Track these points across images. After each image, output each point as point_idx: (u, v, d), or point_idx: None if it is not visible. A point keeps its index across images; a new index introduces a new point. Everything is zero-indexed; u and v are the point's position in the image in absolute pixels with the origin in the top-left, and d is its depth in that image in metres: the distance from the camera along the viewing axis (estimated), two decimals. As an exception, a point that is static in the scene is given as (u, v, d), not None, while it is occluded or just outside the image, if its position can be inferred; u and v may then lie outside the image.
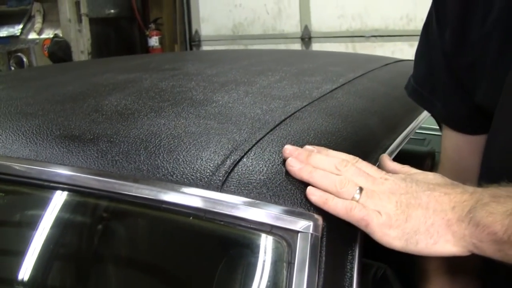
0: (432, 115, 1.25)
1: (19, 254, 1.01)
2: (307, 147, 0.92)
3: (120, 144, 0.96)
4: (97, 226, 1.00)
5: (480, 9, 0.87)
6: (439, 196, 0.77)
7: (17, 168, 0.97)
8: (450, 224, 0.75)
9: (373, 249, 1.05)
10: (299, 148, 0.91)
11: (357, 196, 0.80)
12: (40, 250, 0.99)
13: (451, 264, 1.08)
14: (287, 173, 0.88)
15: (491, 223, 0.70)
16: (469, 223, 0.73)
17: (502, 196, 0.73)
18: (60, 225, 1.01)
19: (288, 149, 0.90)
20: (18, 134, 1.04)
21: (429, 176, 0.83)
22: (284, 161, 0.90)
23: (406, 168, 0.89)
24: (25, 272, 0.99)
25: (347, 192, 0.81)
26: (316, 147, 0.92)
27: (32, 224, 1.01)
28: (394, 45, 4.92)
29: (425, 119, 1.47)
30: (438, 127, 2.14)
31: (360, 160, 0.87)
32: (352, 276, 0.85)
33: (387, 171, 0.89)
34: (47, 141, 1.01)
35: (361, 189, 0.80)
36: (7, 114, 1.15)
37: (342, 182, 0.82)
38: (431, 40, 0.99)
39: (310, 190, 0.83)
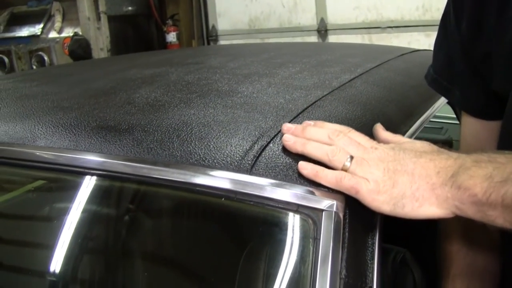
0: (452, 102, 1.29)
1: (62, 236, 1.08)
2: (306, 122, 0.98)
3: (154, 133, 1.03)
4: (137, 208, 1.07)
5: (497, 0, 0.91)
6: (424, 162, 0.82)
7: (61, 157, 1.04)
8: (434, 188, 0.80)
9: (392, 234, 1.10)
10: (297, 125, 0.96)
11: (347, 164, 0.85)
12: (83, 231, 1.06)
13: (473, 246, 1.11)
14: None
15: (472, 185, 0.76)
16: (452, 186, 0.78)
17: (484, 161, 0.78)
18: (103, 208, 1.09)
19: (286, 125, 0.97)
20: (57, 126, 1.11)
21: (417, 144, 0.87)
22: None
23: (397, 137, 0.95)
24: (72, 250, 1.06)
25: (338, 160, 0.86)
26: (314, 121, 0.97)
27: (77, 209, 1.08)
28: (410, 36, 4.93)
29: (440, 107, 1.51)
30: (455, 116, 2.17)
31: (353, 130, 0.92)
32: (373, 251, 0.90)
33: (380, 139, 0.95)
34: (85, 132, 1.08)
35: (351, 157, 0.86)
36: (45, 108, 1.22)
37: (334, 151, 0.87)
38: (449, 31, 1.03)
39: (301, 165, 0.89)
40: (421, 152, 0.84)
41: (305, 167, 0.89)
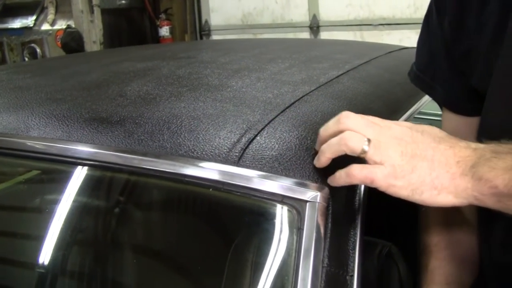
0: (433, 98, 1.31)
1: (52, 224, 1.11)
2: None
3: (145, 125, 1.06)
4: (128, 198, 1.10)
5: (476, 0, 0.95)
6: (444, 149, 0.82)
7: (53, 148, 1.07)
8: (454, 177, 0.80)
9: (378, 228, 1.12)
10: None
11: (366, 148, 0.82)
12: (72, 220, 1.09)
13: (452, 238, 1.13)
14: (297, 150, 0.97)
15: (493, 177, 0.76)
16: (472, 177, 0.78)
17: (503, 152, 0.79)
18: (95, 198, 1.12)
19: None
20: (51, 117, 1.14)
21: (434, 130, 0.86)
22: (295, 138, 0.99)
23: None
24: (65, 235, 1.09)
25: (355, 146, 0.83)
26: None
27: (69, 199, 1.11)
28: (402, 33, 4.96)
29: (426, 103, 1.54)
30: (441, 113, 2.20)
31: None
32: (355, 241, 0.94)
33: None
34: (78, 123, 1.10)
35: (369, 140, 0.83)
36: (38, 99, 1.24)
37: (347, 137, 0.84)
38: (432, 30, 1.06)
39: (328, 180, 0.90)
40: (440, 138, 0.84)
41: (329, 181, 0.90)
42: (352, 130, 0.85)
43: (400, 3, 4.96)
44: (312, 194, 0.91)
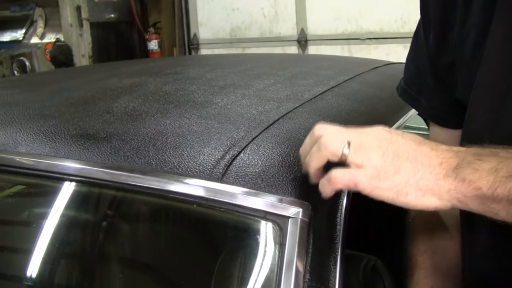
0: (419, 112, 1.34)
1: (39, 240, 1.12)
2: None
3: (131, 142, 1.07)
4: (114, 214, 1.12)
5: (459, 13, 0.98)
6: (426, 151, 0.81)
7: (41, 164, 1.08)
8: (438, 179, 0.79)
9: (364, 242, 1.14)
10: None
11: (346, 151, 0.81)
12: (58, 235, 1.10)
13: (438, 249, 1.15)
14: (279, 166, 0.99)
15: (477, 179, 0.76)
16: (456, 178, 0.78)
17: (486, 154, 0.79)
18: (81, 214, 1.14)
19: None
20: (38, 133, 1.15)
21: (413, 135, 0.86)
22: (278, 155, 1.01)
23: None
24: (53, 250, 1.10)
25: (335, 150, 0.82)
26: None
27: (56, 214, 1.12)
28: (389, 47, 4.98)
29: (409, 119, 1.57)
30: (427, 127, 2.22)
31: None
32: (336, 256, 0.95)
33: None
34: (65, 139, 1.12)
35: (349, 143, 0.81)
36: (27, 115, 1.26)
37: (325, 143, 0.83)
38: (419, 45, 1.09)
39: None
40: (420, 140, 0.83)
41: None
42: (330, 136, 0.84)
43: (387, 17, 4.99)
44: (294, 211, 0.93)
